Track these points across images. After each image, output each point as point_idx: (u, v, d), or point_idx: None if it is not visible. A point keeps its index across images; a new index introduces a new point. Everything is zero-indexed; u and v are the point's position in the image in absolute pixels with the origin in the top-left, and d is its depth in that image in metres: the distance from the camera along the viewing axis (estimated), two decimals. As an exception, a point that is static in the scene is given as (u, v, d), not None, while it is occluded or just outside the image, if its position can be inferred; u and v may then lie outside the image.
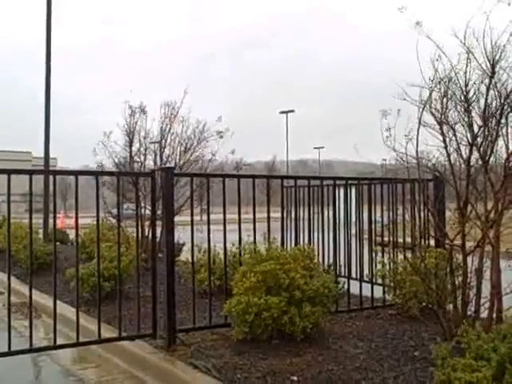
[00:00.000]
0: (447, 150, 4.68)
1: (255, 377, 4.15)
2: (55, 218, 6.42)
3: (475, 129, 4.55)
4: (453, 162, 4.70)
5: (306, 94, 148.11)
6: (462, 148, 4.61)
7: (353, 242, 6.64)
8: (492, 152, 4.52)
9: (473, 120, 4.55)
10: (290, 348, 4.76)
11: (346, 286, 6.31)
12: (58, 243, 12.87)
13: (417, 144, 4.59)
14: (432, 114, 4.66)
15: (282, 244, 5.85)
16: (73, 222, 5.44)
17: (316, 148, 75.41)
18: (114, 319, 5.50)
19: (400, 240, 6.63)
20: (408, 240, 6.51)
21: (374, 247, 6.60)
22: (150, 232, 5.84)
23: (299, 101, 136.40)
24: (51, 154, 12.99)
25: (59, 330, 4.93)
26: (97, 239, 5.22)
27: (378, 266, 6.34)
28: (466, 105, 4.55)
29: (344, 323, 5.76)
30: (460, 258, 4.74)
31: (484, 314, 4.51)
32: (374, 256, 6.51)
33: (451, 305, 4.75)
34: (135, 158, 9.89)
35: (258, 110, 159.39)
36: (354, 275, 6.63)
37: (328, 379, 4.07)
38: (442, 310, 4.74)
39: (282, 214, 6.26)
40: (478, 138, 4.52)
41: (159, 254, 5.52)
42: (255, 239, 5.60)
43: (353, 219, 6.64)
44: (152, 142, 9.93)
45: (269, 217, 5.84)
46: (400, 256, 6.19)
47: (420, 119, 4.60)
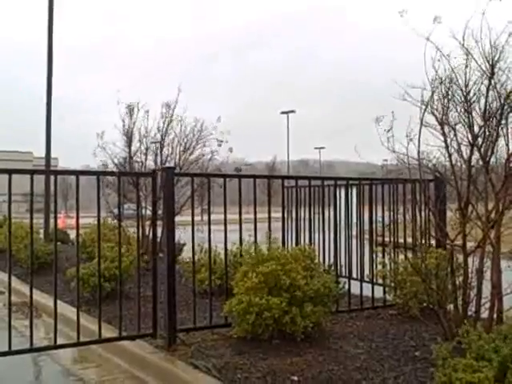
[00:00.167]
0: (448, 151, 4.68)
1: (255, 377, 4.15)
2: (56, 217, 6.45)
3: (476, 129, 4.55)
4: (454, 162, 4.70)
5: (306, 94, 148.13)
6: (463, 148, 4.62)
7: (353, 242, 6.64)
8: (493, 152, 4.52)
9: (473, 120, 4.56)
10: (290, 348, 4.76)
11: (346, 286, 6.31)
12: (59, 243, 12.86)
13: (418, 144, 4.60)
14: (433, 114, 4.66)
15: (283, 244, 5.86)
16: (74, 221, 5.44)
17: (317, 148, 75.42)
18: (115, 319, 5.50)
19: (401, 240, 6.63)
20: (409, 240, 6.51)
21: (374, 247, 6.60)
22: (151, 232, 5.84)
23: (300, 101, 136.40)
24: (52, 154, 12.96)
25: (60, 330, 4.94)
26: (98, 239, 5.24)
27: (379, 267, 6.34)
28: (466, 105, 4.55)
29: (345, 323, 5.76)
30: (461, 258, 4.74)
31: (484, 314, 4.51)
32: (374, 256, 6.51)
33: (452, 305, 4.75)
34: (135, 158, 9.90)
35: (260, 110, 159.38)
36: (354, 275, 6.64)
37: (328, 379, 4.07)
38: (443, 310, 4.74)
39: (283, 214, 6.26)
40: (479, 139, 4.52)
41: (160, 254, 5.52)
42: (256, 239, 5.60)
43: (354, 219, 6.64)
44: (152, 142, 9.93)
45: (270, 217, 5.84)
46: (401, 256, 6.20)
47: (422, 120, 4.61)
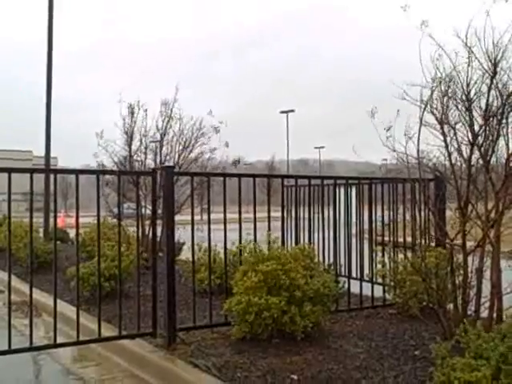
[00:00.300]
0: (448, 150, 4.68)
1: (255, 375, 4.15)
2: (56, 216, 6.45)
3: (476, 128, 4.54)
4: (453, 161, 4.70)
5: (307, 93, 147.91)
6: (463, 148, 4.61)
7: (353, 241, 6.64)
8: (493, 152, 4.52)
9: (474, 120, 4.55)
10: (290, 347, 4.76)
11: (346, 286, 6.31)
12: (59, 242, 12.89)
13: (418, 143, 4.59)
14: (433, 113, 4.65)
15: (283, 243, 5.85)
16: (73, 221, 5.44)
17: (317, 148, 75.45)
18: (115, 318, 5.51)
19: (400, 239, 6.63)
20: (408, 239, 6.51)
21: (374, 247, 6.60)
22: (151, 231, 5.84)
23: (300, 100, 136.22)
24: (52, 153, 13.00)
25: (59, 329, 4.93)
26: (97, 238, 5.23)
27: (379, 266, 6.34)
28: (467, 104, 4.55)
29: (344, 322, 5.76)
30: (460, 257, 4.74)
31: (484, 313, 4.51)
32: (374, 255, 6.50)
33: (451, 304, 4.75)
34: (135, 156, 9.89)
35: (260, 108, 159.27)
36: (354, 275, 6.63)
37: (328, 378, 4.07)
38: (443, 310, 4.73)
39: (283, 214, 6.26)
40: (479, 138, 4.52)
41: (159, 253, 5.52)
42: (255, 238, 5.60)
43: (353, 219, 6.64)
44: (152, 141, 9.93)
45: (269, 216, 5.84)
46: (400, 255, 6.20)
47: (421, 119, 4.61)
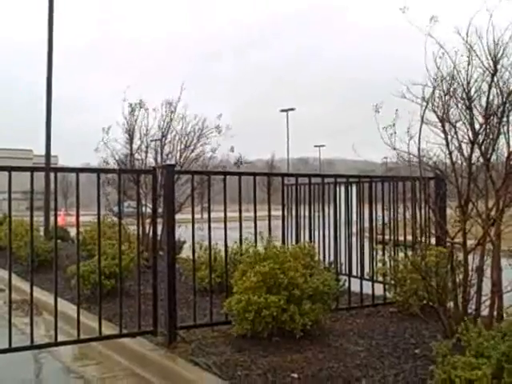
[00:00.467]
0: (449, 148, 4.68)
1: (256, 374, 4.15)
2: (56, 215, 6.44)
3: (477, 127, 4.54)
4: (454, 159, 4.69)
5: (307, 92, 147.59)
6: (464, 146, 4.61)
7: (353, 239, 6.64)
8: (493, 150, 4.52)
9: (474, 118, 4.55)
10: (290, 345, 4.76)
11: (346, 284, 6.31)
12: (59, 241, 12.88)
13: (419, 142, 4.59)
14: (434, 111, 4.65)
15: (283, 242, 5.85)
16: (74, 219, 5.44)
17: (317, 146, 75.38)
18: (115, 316, 5.51)
19: (401, 238, 6.63)
20: (409, 238, 6.50)
21: (374, 245, 6.60)
22: (151, 229, 5.84)
23: (301, 99, 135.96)
24: (52, 152, 12.97)
25: (60, 328, 4.94)
26: (98, 237, 5.23)
27: (379, 264, 6.34)
28: (467, 102, 4.54)
29: (345, 321, 5.76)
30: (461, 255, 4.74)
31: (485, 311, 4.51)
32: (374, 254, 6.51)
33: (452, 302, 4.75)
34: (136, 155, 9.90)
35: (260, 107, 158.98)
36: (354, 273, 6.63)
37: (328, 376, 4.07)
38: (443, 308, 4.73)
39: (283, 212, 6.26)
40: (480, 136, 4.52)
41: (160, 252, 5.52)
42: (256, 237, 5.60)
43: (354, 217, 6.64)
44: (152, 140, 9.94)
45: (270, 215, 5.84)
46: (401, 254, 6.20)
47: (422, 117, 4.61)
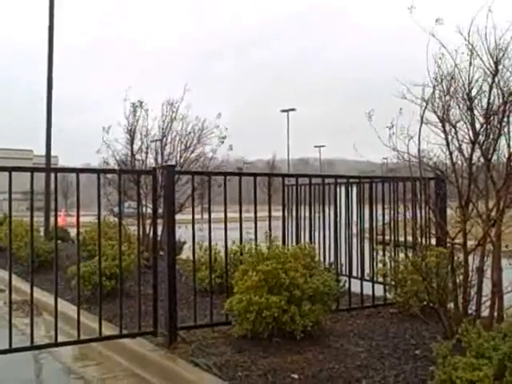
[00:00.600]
0: (449, 148, 4.67)
1: (256, 374, 4.15)
2: (56, 215, 6.45)
3: (477, 127, 4.54)
4: (454, 160, 4.69)
5: (308, 92, 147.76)
6: (464, 146, 4.61)
7: (354, 240, 6.63)
8: (494, 150, 4.51)
9: (475, 118, 4.54)
10: (290, 346, 4.75)
11: (346, 285, 6.31)
12: (59, 241, 12.87)
13: (419, 142, 4.59)
14: (434, 112, 4.65)
15: (284, 242, 5.85)
16: (74, 220, 5.43)
17: (317, 146, 75.39)
18: (115, 317, 5.51)
19: (401, 238, 6.62)
20: (409, 238, 6.50)
21: (375, 246, 6.59)
22: (151, 230, 5.84)
23: (302, 99, 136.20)
24: (52, 152, 12.97)
25: (60, 328, 4.94)
26: (98, 237, 5.23)
27: (379, 265, 6.33)
28: (468, 103, 4.54)
29: (345, 322, 5.76)
30: (461, 256, 4.73)
31: (485, 312, 4.51)
32: (375, 254, 6.50)
33: (452, 303, 4.74)
34: (136, 156, 9.90)
35: (261, 107, 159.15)
36: (355, 274, 6.63)
37: (329, 377, 4.06)
38: (443, 309, 4.73)
39: (284, 213, 6.25)
40: (480, 136, 4.51)
41: (160, 252, 5.52)
42: (256, 238, 5.59)
43: (354, 218, 6.64)
44: (153, 141, 9.93)
45: (270, 215, 5.84)
46: (401, 254, 6.19)
47: (422, 117, 4.60)
